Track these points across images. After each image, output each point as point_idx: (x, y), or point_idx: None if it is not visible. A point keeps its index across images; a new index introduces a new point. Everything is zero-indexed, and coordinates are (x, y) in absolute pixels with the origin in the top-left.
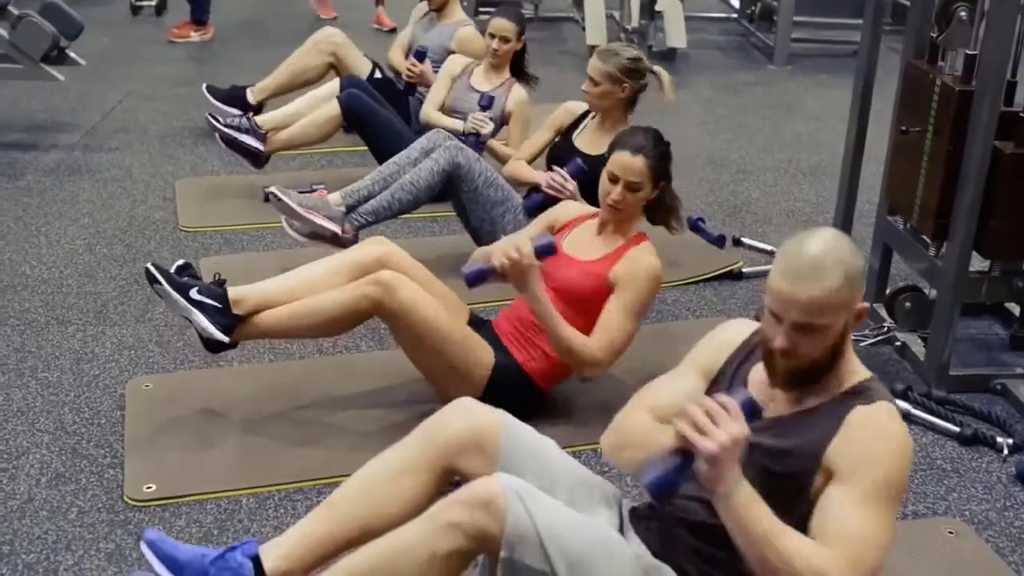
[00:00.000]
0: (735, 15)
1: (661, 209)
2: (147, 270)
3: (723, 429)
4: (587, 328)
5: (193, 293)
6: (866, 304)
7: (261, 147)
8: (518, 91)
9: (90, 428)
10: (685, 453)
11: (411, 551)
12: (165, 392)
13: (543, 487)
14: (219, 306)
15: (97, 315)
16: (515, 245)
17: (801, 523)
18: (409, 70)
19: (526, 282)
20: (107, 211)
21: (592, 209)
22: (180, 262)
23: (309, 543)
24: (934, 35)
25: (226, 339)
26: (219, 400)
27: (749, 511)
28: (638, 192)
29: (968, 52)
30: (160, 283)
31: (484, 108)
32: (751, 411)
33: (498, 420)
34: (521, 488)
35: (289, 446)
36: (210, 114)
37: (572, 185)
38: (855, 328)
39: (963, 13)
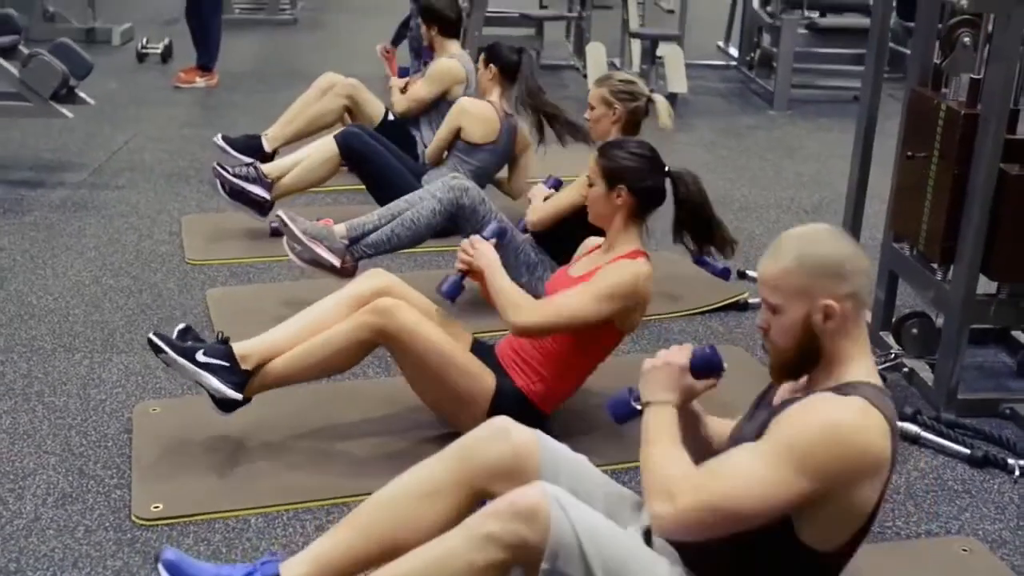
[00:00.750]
0: (734, 62)
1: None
2: (150, 340)
3: (663, 356)
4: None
5: (199, 356)
6: (832, 303)
7: (267, 196)
8: (463, 99)
9: (97, 450)
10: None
11: (448, 563)
12: (172, 416)
13: (580, 497)
14: (227, 364)
15: (104, 343)
16: (468, 241)
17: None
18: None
19: (484, 263)
20: (113, 245)
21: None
22: (181, 326)
23: (330, 561)
24: (938, 61)
25: (239, 396)
26: (226, 424)
27: (656, 422)
28: (592, 187)
29: (973, 76)
30: (165, 351)
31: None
32: (703, 359)
33: (534, 439)
34: (563, 496)
35: (297, 467)
36: (218, 163)
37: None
38: (834, 329)
39: (967, 38)
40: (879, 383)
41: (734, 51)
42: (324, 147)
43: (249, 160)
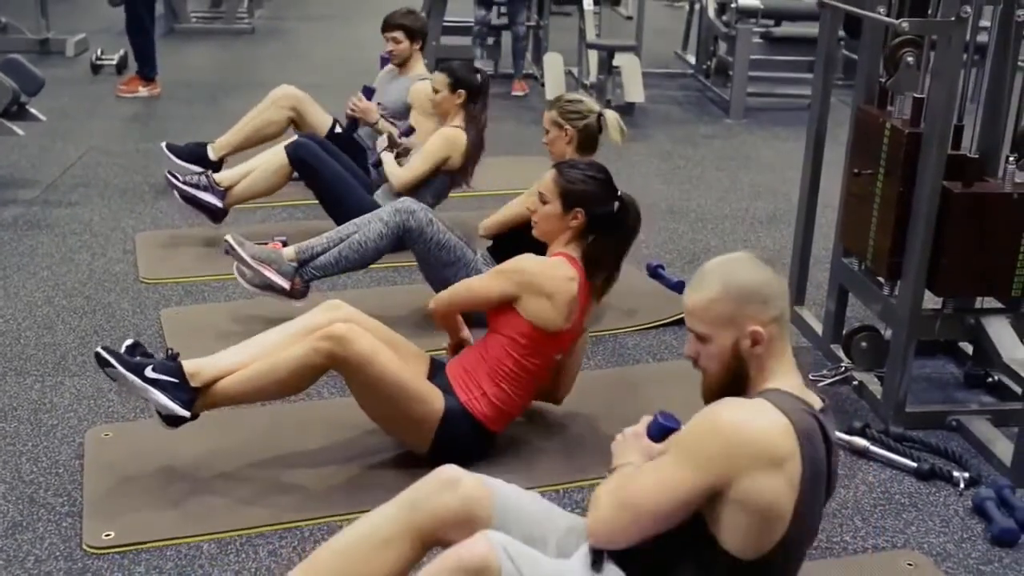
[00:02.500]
0: (691, 71)
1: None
2: (97, 354)
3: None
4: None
5: (148, 372)
6: (759, 328)
7: (219, 204)
8: (444, 130)
9: (48, 477)
10: None
11: None
12: (124, 441)
13: (533, 542)
14: (176, 381)
15: (56, 366)
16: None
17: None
18: (353, 105)
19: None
20: (66, 264)
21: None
22: (129, 341)
23: None
24: (883, 80)
25: (187, 414)
26: (180, 448)
27: (614, 477)
28: (545, 205)
29: (916, 96)
30: (113, 366)
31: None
32: (657, 425)
33: (488, 491)
34: (509, 545)
35: (250, 492)
36: (169, 171)
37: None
38: (758, 353)
39: (910, 58)
40: (796, 392)
41: (692, 59)
42: (275, 157)
43: (199, 169)
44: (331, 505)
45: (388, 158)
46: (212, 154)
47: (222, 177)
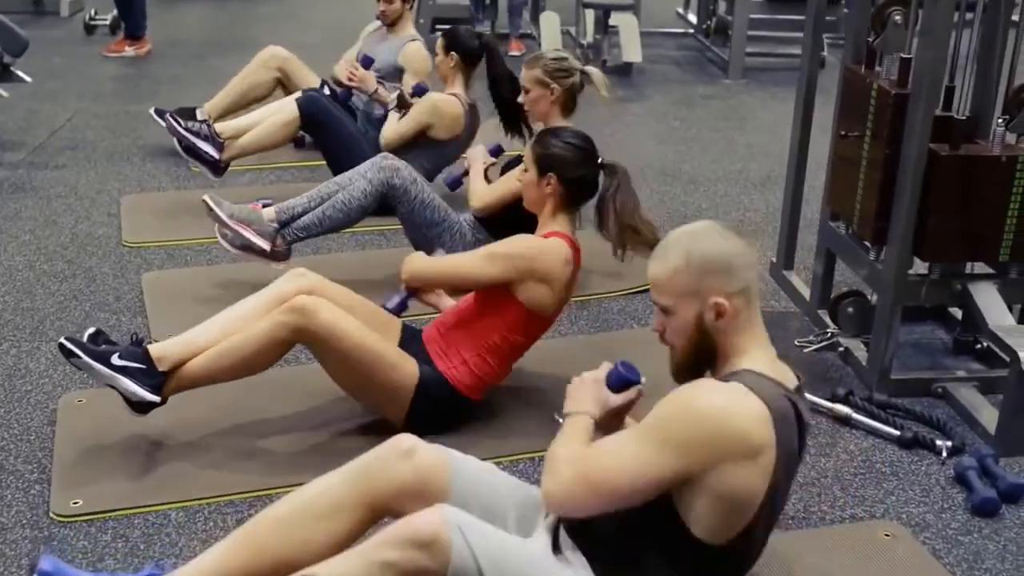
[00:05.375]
0: (691, 30)
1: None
2: (61, 345)
3: (584, 376)
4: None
5: (114, 359)
6: (722, 300)
7: (217, 155)
8: (432, 95)
9: (19, 444)
10: None
11: None
12: (98, 407)
13: (492, 516)
14: (143, 367)
15: (33, 331)
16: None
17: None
18: (350, 74)
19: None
20: (49, 228)
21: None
22: (91, 330)
23: (222, 575)
24: (871, 40)
25: (156, 399)
26: (152, 415)
27: (567, 428)
28: (527, 174)
29: (903, 56)
30: (77, 355)
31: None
32: (616, 375)
33: (444, 461)
34: (462, 521)
35: (221, 459)
36: (171, 115)
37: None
38: (725, 326)
39: (898, 17)
40: (770, 372)
41: (692, 18)
42: (283, 111)
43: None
44: (301, 472)
45: (392, 117)
46: (201, 117)
47: (223, 128)
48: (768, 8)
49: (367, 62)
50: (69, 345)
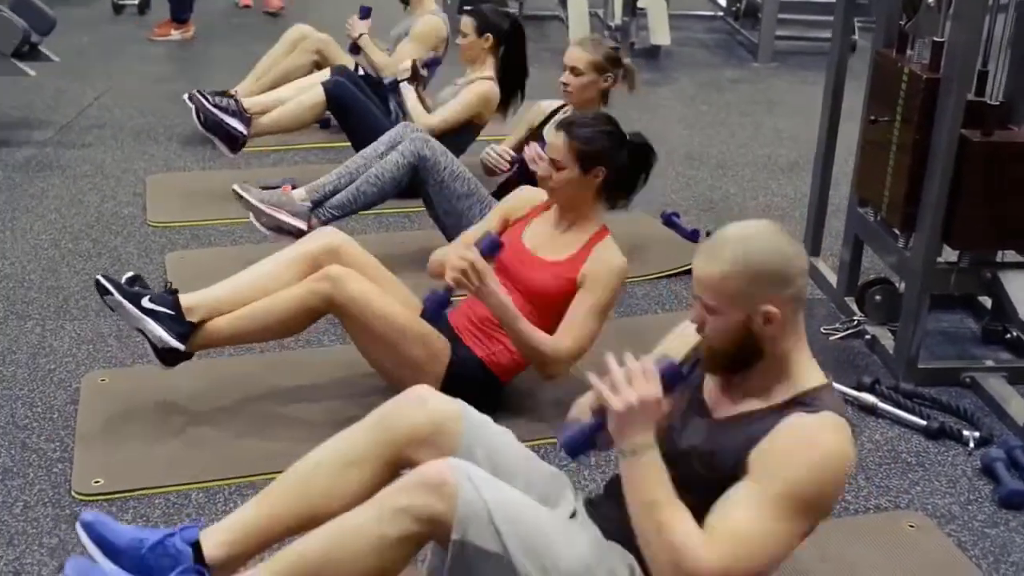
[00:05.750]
0: (721, 13)
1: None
2: (97, 281)
3: (635, 389)
4: (552, 327)
5: (145, 302)
6: (774, 308)
7: (244, 131)
8: (481, 84)
9: (42, 422)
10: (602, 412)
11: (360, 536)
12: (120, 386)
13: (498, 473)
14: (172, 313)
15: (58, 310)
16: (461, 256)
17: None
18: (348, 23)
19: (484, 289)
20: (75, 207)
21: (544, 196)
22: (130, 274)
23: (251, 529)
24: (903, 23)
25: (181, 346)
26: (175, 394)
27: (645, 475)
28: (563, 171)
29: (936, 40)
30: (111, 293)
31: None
32: (673, 378)
33: (457, 411)
34: (471, 470)
35: (243, 440)
36: (198, 90)
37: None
38: (777, 333)
39: (931, 0)
40: (824, 379)
41: (723, 0)
42: (310, 93)
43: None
44: None
45: (410, 94)
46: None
47: (250, 104)
48: None
49: (365, 12)
50: (104, 282)
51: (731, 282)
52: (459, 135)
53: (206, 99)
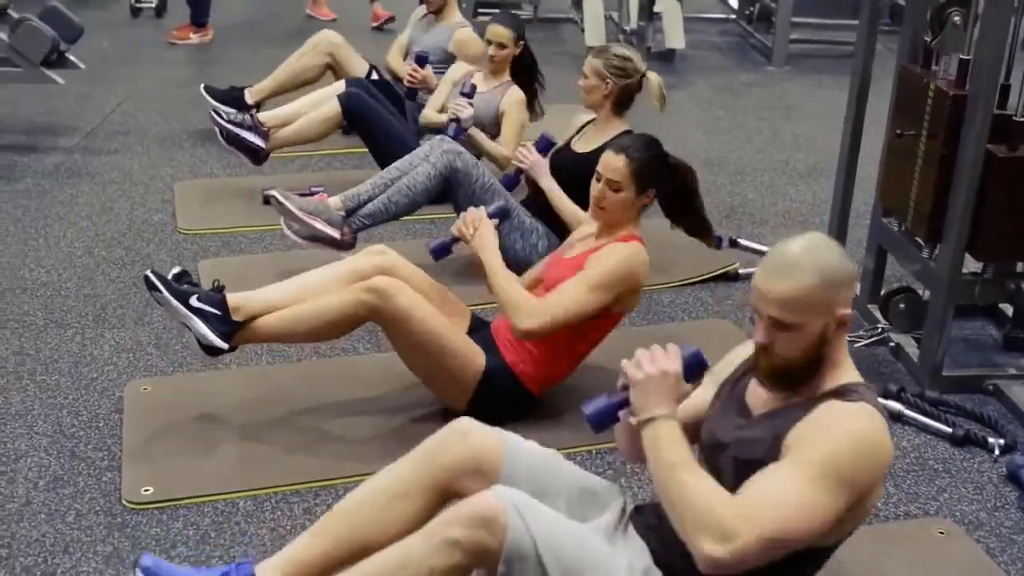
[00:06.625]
0: (734, 16)
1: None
2: (146, 277)
3: (655, 363)
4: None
5: (192, 300)
6: (850, 311)
7: (263, 144)
8: (514, 92)
9: (88, 431)
10: (627, 388)
11: (409, 567)
12: (163, 395)
13: (542, 497)
14: (218, 313)
15: (96, 318)
16: (471, 214)
17: None
18: (411, 76)
19: (480, 246)
20: (106, 214)
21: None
22: (177, 269)
23: (303, 563)
24: (928, 39)
25: (225, 346)
26: (217, 403)
27: (666, 441)
28: (619, 192)
29: (962, 57)
30: (159, 290)
31: (465, 95)
32: (696, 363)
33: (498, 441)
34: (520, 501)
35: (286, 449)
36: (214, 110)
37: (535, 156)
38: (838, 335)
39: (957, 18)
40: (862, 379)
41: (735, 3)
42: (326, 105)
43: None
44: (366, 462)
45: (478, 134)
46: (249, 98)
47: (266, 117)
48: None
49: (422, 60)
50: (153, 278)
51: (814, 295)
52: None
53: (221, 116)
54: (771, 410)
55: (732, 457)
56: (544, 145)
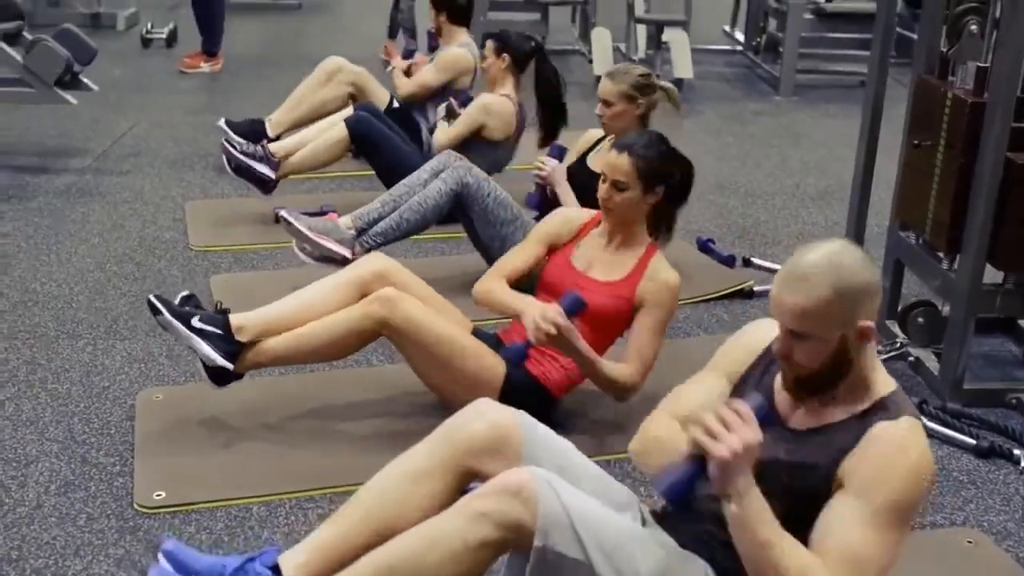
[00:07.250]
0: (740, 47)
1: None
2: (149, 301)
3: (736, 435)
4: (602, 342)
5: (195, 322)
6: (870, 323)
7: (272, 175)
8: (481, 96)
9: (100, 437)
10: (700, 459)
11: (441, 543)
12: (175, 403)
13: (564, 475)
14: (221, 333)
15: (107, 330)
16: (544, 317)
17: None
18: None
19: (569, 346)
20: (117, 231)
21: (588, 213)
22: (184, 293)
23: (328, 549)
24: (945, 49)
25: (230, 365)
26: (229, 411)
27: (755, 516)
28: (625, 192)
29: (979, 65)
30: (162, 313)
31: (554, 157)
32: (765, 417)
33: (517, 420)
34: (553, 478)
35: (299, 455)
36: (226, 140)
37: (552, 163)
38: (863, 345)
39: (974, 26)
40: (895, 383)
41: (740, 36)
42: (334, 130)
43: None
44: (380, 468)
45: (443, 126)
46: (271, 131)
47: (277, 147)
48: (818, 25)
49: (559, 152)
50: (156, 302)
51: (832, 307)
52: (491, 152)
53: (234, 147)
54: (814, 428)
55: (779, 482)
56: (557, 152)
